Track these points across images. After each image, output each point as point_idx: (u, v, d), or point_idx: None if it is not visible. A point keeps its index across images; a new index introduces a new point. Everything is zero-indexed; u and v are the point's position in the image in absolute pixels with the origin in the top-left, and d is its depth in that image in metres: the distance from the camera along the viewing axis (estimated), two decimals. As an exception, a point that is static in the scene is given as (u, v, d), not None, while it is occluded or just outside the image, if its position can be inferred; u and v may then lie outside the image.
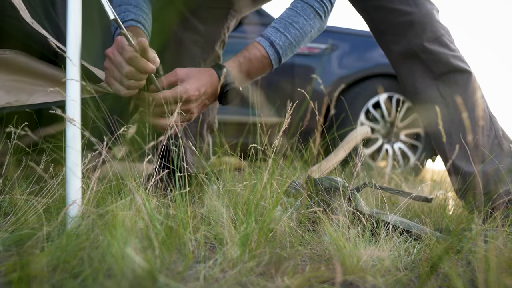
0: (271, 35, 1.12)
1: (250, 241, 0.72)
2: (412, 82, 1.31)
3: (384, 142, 2.79)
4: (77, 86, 0.84)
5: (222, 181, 1.05)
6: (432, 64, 1.28)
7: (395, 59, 1.33)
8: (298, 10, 1.14)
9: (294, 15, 1.14)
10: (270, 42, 1.12)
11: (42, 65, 0.94)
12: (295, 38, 1.13)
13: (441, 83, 1.27)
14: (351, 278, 0.68)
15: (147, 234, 0.69)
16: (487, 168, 1.20)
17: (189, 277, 0.64)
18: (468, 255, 0.83)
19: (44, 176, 0.90)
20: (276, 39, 1.12)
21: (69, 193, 0.82)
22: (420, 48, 1.27)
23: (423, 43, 1.27)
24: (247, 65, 1.10)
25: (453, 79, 1.27)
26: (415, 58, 1.29)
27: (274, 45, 1.12)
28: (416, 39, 1.27)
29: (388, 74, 2.75)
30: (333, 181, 1.03)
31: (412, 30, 1.26)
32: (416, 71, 1.30)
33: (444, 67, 1.27)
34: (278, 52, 1.12)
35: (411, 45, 1.27)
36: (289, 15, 1.14)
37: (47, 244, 0.72)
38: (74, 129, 0.83)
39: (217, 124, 1.62)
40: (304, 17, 1.14)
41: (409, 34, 1.27)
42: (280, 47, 1.12)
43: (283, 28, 1.13)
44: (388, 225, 0.91)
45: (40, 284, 0.57)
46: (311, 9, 1.14)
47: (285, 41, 1.12)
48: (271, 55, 1.12)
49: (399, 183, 1.69)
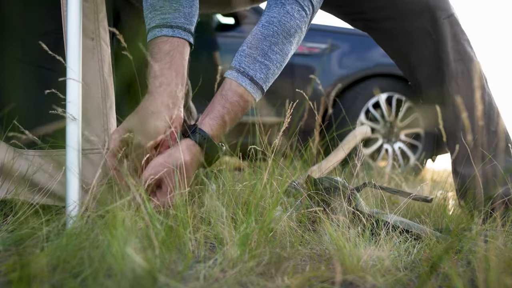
0: (249, 68, 0.93)
1: (250, 241, 0.72)
2: (421, 71, 1.25)
3: (384, 142, 2.79)
4: (77, 86, 0.84)
5: (222, 180, 1.05)
6: (442, 47, 1.22)
7: (402, 44, 1.26)
8: (275, 28, 0.94)
9: (271, 35, 0.94)
10: (250, 78, 0.93)
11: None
12: (277, 65, 0.96)
13: (449, 73, 1.22)
14: (351, 278, 0.68)
15: (147, 234, 0.69)
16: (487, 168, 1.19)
17: (189, 277, 0.64)
18: (468, 255, 0.83)
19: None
20: (256, 73, 0.93)
21: (69, 193, 0.83)
22: (432, 25, 1.21)
23: (437, 19, 1.21)
24: (231, 119, 0.94)
25: (460, 69, 1.22)
26: (425, 39, 1.22)
27: (256, 80, 0.94)
28: (430, 16, 1.21)
29: (388, 74, 2.75)
30: (333, 181, 1.03)
31: (426, 9, 1.21)
32: (424, 58, 1.23)
33: (455, 52, 1.22)
34: (262, 88, 0.95)
35: (423, 22, 1.21)
36: (265, 37, 0.94)
37: (47, 244, 0.72)
38: (74, 129, 0.83)
39: (193, 110, 1.60)
40: (284, 35, 0.95)
41: (422, 12, 1.22)
42: (263, 81, 0.95)
43: (261, 56, 0.94)
44: (388, 225, 0.91)
45: (40, 283, 0.57)
46: (291, 24, 0.95)
47: (267, 72, 0.95)
48: (254, 94, 0.94)
49: (399, 183, 1.69)
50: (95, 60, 0.93)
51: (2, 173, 0.90)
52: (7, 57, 0.94)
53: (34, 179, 0.91)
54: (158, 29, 0.95)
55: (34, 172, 0.90)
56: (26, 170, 0.90)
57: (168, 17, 0.95)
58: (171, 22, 0.95)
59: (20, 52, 0.93)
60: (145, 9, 0.98)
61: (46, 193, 0.91)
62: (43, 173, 0.92)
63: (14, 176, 0.90)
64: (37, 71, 0.93)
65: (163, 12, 0.95)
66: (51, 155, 0.91)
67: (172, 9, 0.95)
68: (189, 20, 0.97)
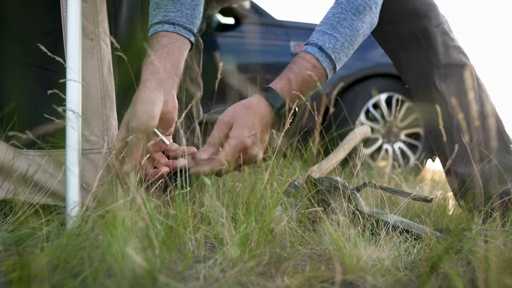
0: (318, 39, 0.99)
1: (250, 241, 0.72)
2: (412, 73, 1.29)
3: (384, 142, 2.79)
4: (77, 87, 0.84)
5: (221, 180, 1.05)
6: (432, 52, 1.25)
7: (395, 47, 1.29)
8: (343, 6, 1.01)
9: (340, 13, 1.00)
10: (318, 47, 0.98)
11: None
12: (346, 38, 1.00)
13: (439, 76, 1.25)
14: (351, 278, 0.68)
15: (147, 234, 0.69)
16: (486, 167, 1.19)
17: (189, 276, 0.64)
18: (468, 255, 0.83)
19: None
20: (325, 43, 0.98)
21: (69, 193, 0.82)
22: (422, 33, 1.23)
23: (426, 27, 1.23)
24: (298, 80, 0.97)
25: (450, 73, 1.25)
26: (415, 44, 1.25)
27: (324, 49, 0.98)
28: (419, 24, 1.23)
29: (388, 74, 2.75)
30: (333, 181, 1.03)
31: (415, 16, 1.24)
32: (415, 61, 1.26)
33: (445, 57, 1.25)
34: (331, 57, 0.99)
35: (413, 29, 1.23)
36: (333, 14, 1.01)
37: (47, 244, 0.72)
38: (74, 129, 0.83)
39: (202, 114, 1.61)
40: (352, 11, 1.00)
41: (411, 19, 1.24)
42: (332, 50, 0.98)
43: (330, 29, 0.99)
44: (388, 225, 0.91)
45: (40, 283, 0.57)
46: (358, 2, 1.01)
47: (336, 43, 0.99)
48: (323, 62, 0.98)
49: (399, 183, 1.69)
50: (94, 60, 0.93)
51: (2, 173, 0.90)
52: (6, 57, 0.94)
53: (34, 179, 0.91)
54: (159, 24, 0.98)
55: (35, 172, 0.90)
56: (26, 170, 0.90)
57: (170, 15, 0.99)
58: (172, 19, 0.98)
59: (20, 52, 0.94)
60: (151, 7, 1.02)
61: (46, 193, 0.91)
62: (43, 173, 0.92)
63: (14, 176, 0.90)
64: (36, 71, 0.93)
65: (166, 10, 0.99)
66: (52, 155, 0.91)
67: (175, 8, 0.99)
68: (190, 21, 1.01)
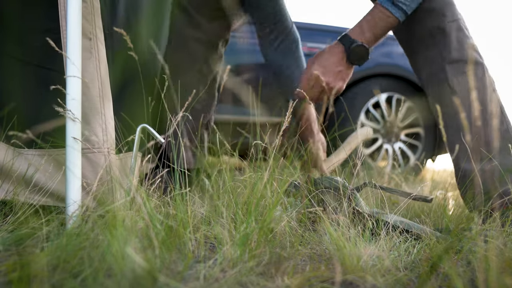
0: None
1: (250, 241, 0.72)
2: (426, 69, 1.31)
3: (384, 142, 2.78)
4: (78, 84, 0.84)
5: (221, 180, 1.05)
6: (446, 48, 1.27)
7: (413, 44, 1.34)
8: None
9: None
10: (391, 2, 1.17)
11: None
12: None
13: (451, 71, 1.27)
14: (351, 278, 0.68)
15: (147, 234, 0.69)
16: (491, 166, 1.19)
17: (189, 276, 0.64)
18: (468, 255, 0.83)
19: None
20: None
21: (69, 193, 0.82)
22: (437, 28, 1.28)
23: (441, 22, 1.27)
24: (370, 25, 1.20)
25: (463, 69, 1.26)
26: (431, 40, 1.29)
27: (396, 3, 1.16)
28: (435, 20, 1.27)
29: (388, 74, 2.74)
30: (333, 181, 1.03)
31: (432, 13, 1.27)
32: (429, 56, 1.30)
33: (458, 53, 1.26)
34: (402, 9, 1.17)
35: (429, 26, 1.28)
36: None
37: (47, 244, 0.72)
38: (74, 128, 0.83)
39: (213, 121, 1.61)
40: None
41: (429, 16, 1.27)
42: (403, 3, 1.16)
43: None
44: (388, 225, 0.91)
45: (40, 283, 0.57)
46: None
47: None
48: (395, 14, 1.17)
49: (399, 183, 1.69)
50: (92, 60, 0.93)
51: (2, 173, 0.90)
52: (5, 56, 0.94)
53: (34, 179, 0.91)
54: None
55: (35, 172, 0.90)
56: (26, 170, 0.90)
57: None
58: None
59: (19, 51, 0.94)
60: None
61: (46, 193, 0.91)
62: (43, 173, 0.92)
63: (13, 177, 0.90)
64: (35, 70, 0.93)
65: None
66: (52, 155, 0.91)
67: None
68: None
